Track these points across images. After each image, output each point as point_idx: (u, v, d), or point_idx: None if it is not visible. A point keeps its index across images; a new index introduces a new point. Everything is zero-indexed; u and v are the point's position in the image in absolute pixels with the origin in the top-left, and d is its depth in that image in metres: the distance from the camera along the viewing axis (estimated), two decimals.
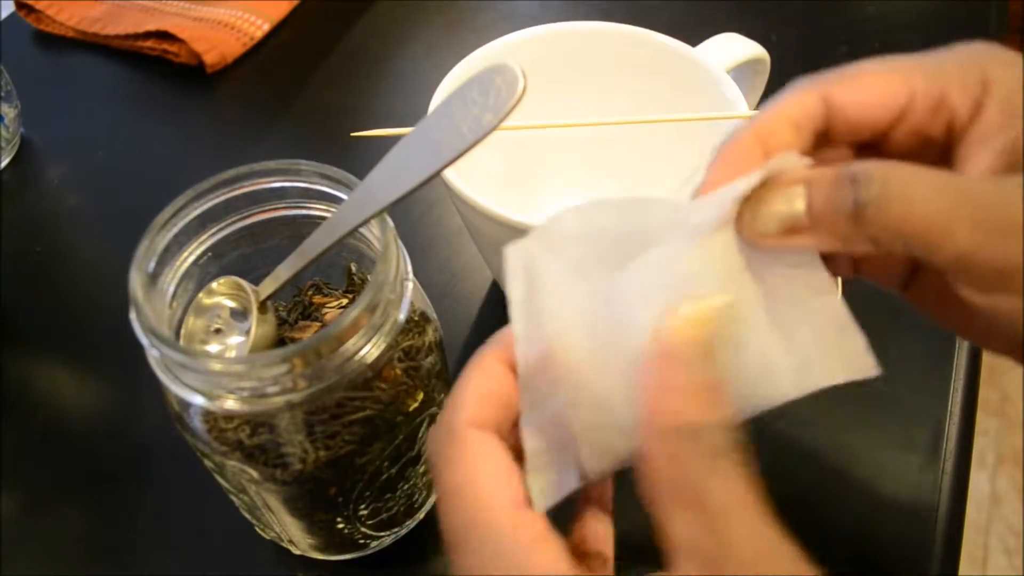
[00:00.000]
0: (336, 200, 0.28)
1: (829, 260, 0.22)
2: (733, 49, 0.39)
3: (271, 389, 0.24)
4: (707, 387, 0.19)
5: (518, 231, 0.33)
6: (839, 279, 0.25)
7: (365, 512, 0.31)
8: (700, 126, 0.39)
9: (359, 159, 0.53)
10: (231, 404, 0.25)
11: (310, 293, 0.33)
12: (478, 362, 0.22)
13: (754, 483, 0.18)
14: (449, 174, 0.34)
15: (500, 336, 0.22)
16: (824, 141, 0.23)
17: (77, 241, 0.51)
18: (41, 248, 0.50)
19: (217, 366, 0.24)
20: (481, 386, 0.22)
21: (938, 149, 0.22)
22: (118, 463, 0.40)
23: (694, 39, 0.39)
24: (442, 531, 0.21)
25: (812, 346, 0.22)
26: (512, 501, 0.20)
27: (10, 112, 0.55)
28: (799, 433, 0.38)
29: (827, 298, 0.22)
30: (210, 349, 0.29)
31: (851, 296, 0.42)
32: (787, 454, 0.38)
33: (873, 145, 0.23)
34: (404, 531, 0.34)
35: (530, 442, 0.21)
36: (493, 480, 0.20)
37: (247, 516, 0.33)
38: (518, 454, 0.22)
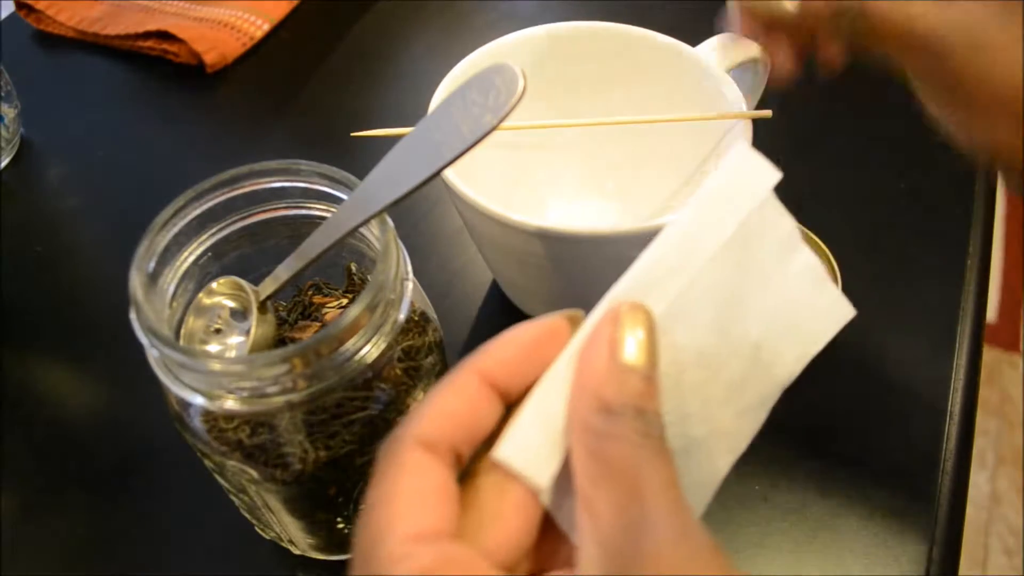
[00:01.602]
0: (336, 200, 0.28)
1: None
2: (733, 49, 0.39)
3: (271, 389, 0.24)
4: (645, 376, 0.19)
5: (518, 231, 0.33)
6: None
7: None
8: (700, 126, 0.39)
9: (359, 159, 0.53)
10: (231, 404, 0.25)
11: (310, 293, 0.33)
12: (452, 376, 0.20)
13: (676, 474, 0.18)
14: (449, 174, 0.34)
15: (484, 350, 0.21)
16: None
17: (77, 241, 0.51)
18: (41, 248, 0.50)
19: (217, 366, 0.24)
20: (446, 403, 0.20)
21: None
22: (118, 463, 0.40)
23: (694, 39, 0.39)
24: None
25: (804, 310, 0.22)
26: (413, 534, 0.18)
27: (10, 112, 0.55)
28: (799, 433, 0.38)
29: (803, 256, 0.22)
30: (210, 349, 0.29)
31: (851, 297, 0.42)
32: (788, 453, 0.38)
33: None
34: None
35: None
36: (408, 504, 0.18)
37: (247, 516, 0.33)
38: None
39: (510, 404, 0.21)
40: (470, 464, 0.21)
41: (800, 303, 0.22)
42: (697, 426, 0.21)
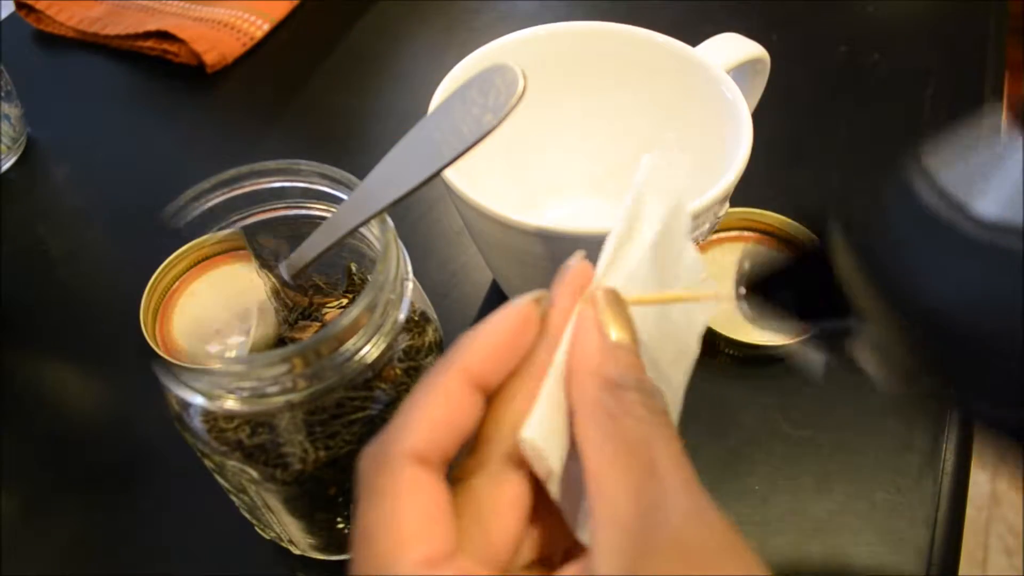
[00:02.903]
0: (336, 200, 0.28)
1: None
2: (733, 49, 0.39)
3: (271, 389, 0.24)
4: (632, 351, 0.20)
5: (518, 231, 0.33)
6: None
7: None
8: (701, 127, 0.39)
9: (359, 159, 0.53)
10: (231, 404, 0.25)
11: (310, 293, 0.33)
12: (435, 380, 0.20)
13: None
14: (449, 174, 0.34)
15: (464, 347, 0.20)
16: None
17: (78, 241, 0.51)
18: (45, 247, 0.50)
19: (217, 366, 0.24)
20: (435, 411, 0.19)
21: None
22: (118, 463, 0.40)
23: (694, 39, 0.39)
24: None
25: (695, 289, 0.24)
26: (425, 558, 0.17)
27: (14, 111, 0.55)
28: (799, 434, 0.38)
29: (688, 244, 0.24)
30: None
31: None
32: (787, 453, 0.38)
33: None
34: None
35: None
36: (414, 528, 0.18)
37: (247, 516, 0.33)
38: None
39: (491, 396, 0.20)
40: (456, 466, 0.20)
41: (694, 282, 0.24)
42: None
